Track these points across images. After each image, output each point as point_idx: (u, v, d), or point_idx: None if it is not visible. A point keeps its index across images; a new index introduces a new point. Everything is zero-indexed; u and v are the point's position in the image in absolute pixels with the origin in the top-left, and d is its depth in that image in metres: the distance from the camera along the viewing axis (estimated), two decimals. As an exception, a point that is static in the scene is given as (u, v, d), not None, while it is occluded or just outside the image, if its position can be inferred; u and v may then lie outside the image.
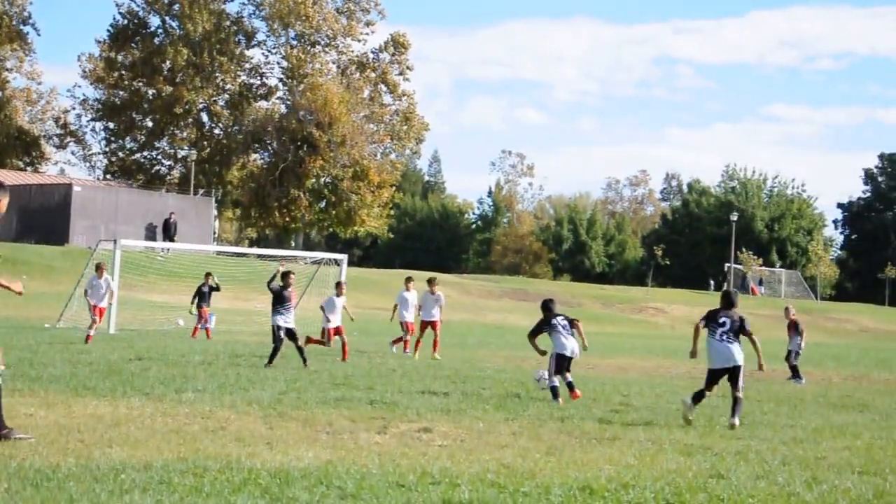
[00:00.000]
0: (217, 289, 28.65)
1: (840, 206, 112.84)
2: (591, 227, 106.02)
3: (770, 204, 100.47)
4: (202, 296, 28.10)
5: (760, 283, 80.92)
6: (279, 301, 18.67)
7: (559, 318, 15.28)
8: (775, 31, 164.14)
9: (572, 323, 15.36)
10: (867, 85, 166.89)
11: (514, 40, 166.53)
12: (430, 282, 23.48)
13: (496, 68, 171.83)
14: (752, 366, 14.03)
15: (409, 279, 25.16)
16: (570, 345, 15.15)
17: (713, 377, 13.07)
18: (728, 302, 13.35)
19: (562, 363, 15.11)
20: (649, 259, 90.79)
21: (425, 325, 23.01)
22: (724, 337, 12.97)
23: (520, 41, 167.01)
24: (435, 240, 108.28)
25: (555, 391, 14.79)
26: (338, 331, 22.07)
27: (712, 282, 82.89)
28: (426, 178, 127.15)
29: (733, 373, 12.90)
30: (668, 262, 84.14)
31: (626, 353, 28.84)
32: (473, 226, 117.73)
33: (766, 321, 58.63)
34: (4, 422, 9.19)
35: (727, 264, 77.00)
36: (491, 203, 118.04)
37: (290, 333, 18.74)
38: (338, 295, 22.56)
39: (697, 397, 12.98)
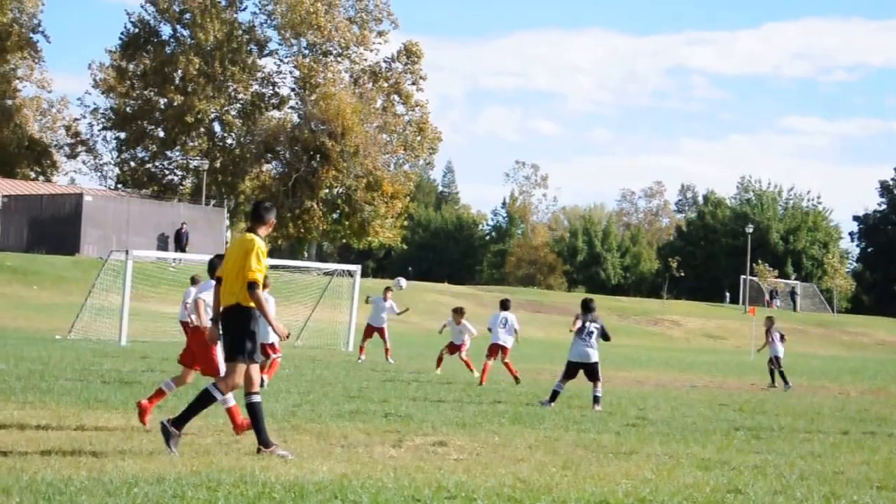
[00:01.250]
0: None
1: (856, 218, 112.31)
2: (605, 239, 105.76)
3: (785, 216, 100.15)
4: None
5: (776, 295, 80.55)
6: None
7: (591, 323, 15.61)
8: (790, 43, 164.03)
9: (602, 330, 15.76)
10: (882, 97, 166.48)
11: (527, 51, 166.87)
12: (457, 311, 22.50)
13: (510, 79, 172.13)
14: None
15: (387, 289, 25.31)
16: (586, 350, 15.55)
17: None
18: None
19: (571, 369, 15.65)
20: (664, 271, 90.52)
21: (454, 348, 22.39)
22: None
23: (533, 52, 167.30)
24: (449, 251, 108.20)
25: (553, 395, 15.50)
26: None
27: (728, 294, 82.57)
28: (440, 188, 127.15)
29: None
30: (683, 274, 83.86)
31: (641, 366, 28.67)
32: (487, 237, 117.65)
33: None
34: None
35: (742, 276, 76.67)
36: (505, 214, 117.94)
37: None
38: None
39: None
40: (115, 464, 8.65)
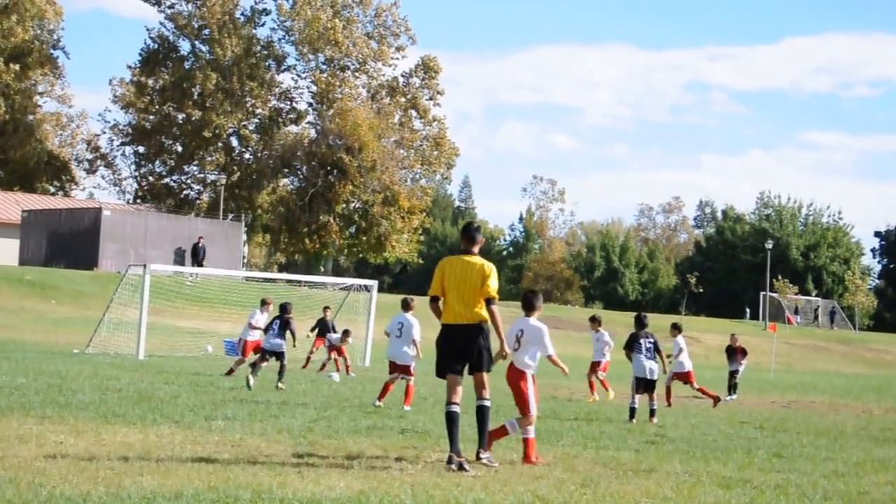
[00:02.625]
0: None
1: (877, 234, 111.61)
2: (623, 254, 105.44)
3: (805, 232, 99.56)
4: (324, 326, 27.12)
5: (796, 311, 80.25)
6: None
7: (645, 339, 16.37)
8: (810, 58, 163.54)
9: (656, 345, 16.57)
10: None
11: (545, 65, 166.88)
12: (593, 320, 22.44)
13: (528, 93, 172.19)
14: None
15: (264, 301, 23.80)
16: (649, 366, 16.29)
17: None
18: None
19: (639, 385, 16.32)
20: (683, 287, 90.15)
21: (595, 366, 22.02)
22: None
23: (552, 66, 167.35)
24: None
25: (632, 411, 16.25)
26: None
27: (748, 310, 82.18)
28: (457, 203, 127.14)
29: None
30: (701, 290, 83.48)
31: (660, 383, 28.45)
32: (504, 252, 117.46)
33: (802, 350, 58.02)
34: None
35: (762, 293, 76.28)
36: (522, 229, 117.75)
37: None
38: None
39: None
40: (133, 479, 8.61)
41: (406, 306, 16.77)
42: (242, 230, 66.48)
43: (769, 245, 77.23)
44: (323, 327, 27.18)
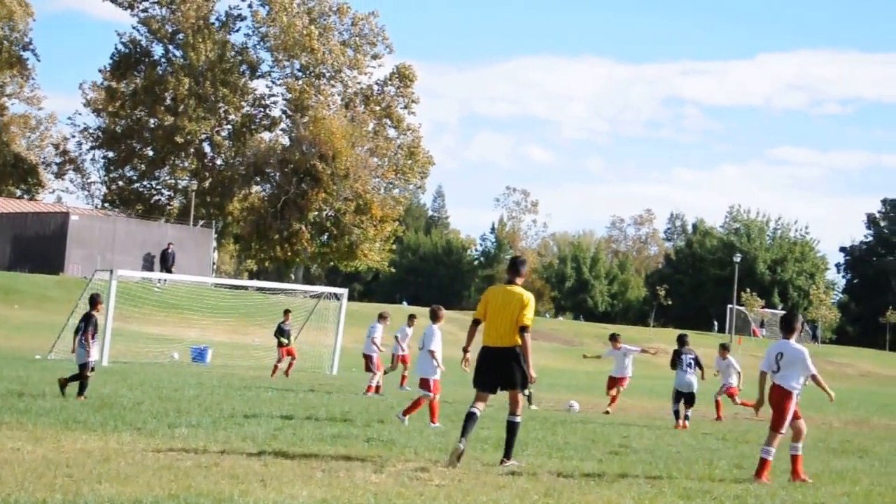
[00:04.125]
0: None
1: (842, 249, 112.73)
2: (594, 266, 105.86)
3: (773, 246, 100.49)
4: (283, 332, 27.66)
5: (762, 324, 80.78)
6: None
7: (686, 355, 19.17)
8: (783, 74, 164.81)
9: (697, 360, 19.32)
10: (873, 130, 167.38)
11: (522, 77, 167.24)
12: (614, 338, 23.01)
13: (504, 105, 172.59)
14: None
15: (412, 316, 24.92)
16: (688, 380, 18.99)
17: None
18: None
19: (679, 396, 18.97)
20: (652, 299, 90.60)
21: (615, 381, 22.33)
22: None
23: (528, 78, 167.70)
24: (437, 275, 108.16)
25: (676, 414, 18.88)
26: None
27: (716, 323, 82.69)
28: (430, 213, 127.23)
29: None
30: (670, 303, 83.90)
31: (626, 394, 28.53)
32: (476, 262, 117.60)
33: (766, 363, 58.44)
34: None
35: (729, 305, 76.76)
36: (494, 239, 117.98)
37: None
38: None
39: None
40: (91, 486, 8.54)
41: (434, 316, 15.90)
42: (213, 237, 66.17)
43: (737, 258, 77.77)
44: (280, 331, 27.45)
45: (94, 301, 17.59)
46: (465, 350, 12.09)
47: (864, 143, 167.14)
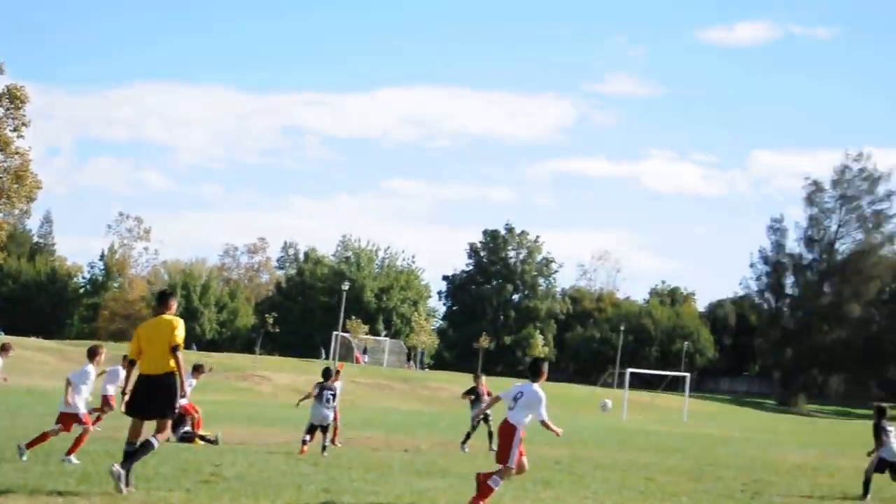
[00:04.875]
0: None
1: (445, 278, 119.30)
2: (204, 294, 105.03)
3: (381, 274, 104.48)
4: None
5: (365, 351, 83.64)
6: None
7: (327, 391, 19.05)
8: (400, 109, 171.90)
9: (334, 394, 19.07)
10: (479, 164, 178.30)
11: (142, 102, 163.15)
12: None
13: (122, 129, 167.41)
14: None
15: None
16: (324, 413, 19.03)
17: None
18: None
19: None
20: (260, 326, 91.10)
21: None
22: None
23: (148, 103, 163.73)
24: (39, 304, 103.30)
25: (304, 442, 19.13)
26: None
27: (323, 350, 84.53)
28: (35, 239, 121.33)
29: None
30: (278, 330, 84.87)
31: (225, 422, 28.60)
32: (82, 289, 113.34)
33: (367, 389, 60.55)
34: None
35: (335, 332, 78.90)
36: (103, 267, 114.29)
37: None
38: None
39: None
40: None
41: (92, 355, 15.64)
42: None
43: (346, 286, 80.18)
44: None
45: None
46: (124, 392, 12.35)
47: (469, 177, 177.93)
